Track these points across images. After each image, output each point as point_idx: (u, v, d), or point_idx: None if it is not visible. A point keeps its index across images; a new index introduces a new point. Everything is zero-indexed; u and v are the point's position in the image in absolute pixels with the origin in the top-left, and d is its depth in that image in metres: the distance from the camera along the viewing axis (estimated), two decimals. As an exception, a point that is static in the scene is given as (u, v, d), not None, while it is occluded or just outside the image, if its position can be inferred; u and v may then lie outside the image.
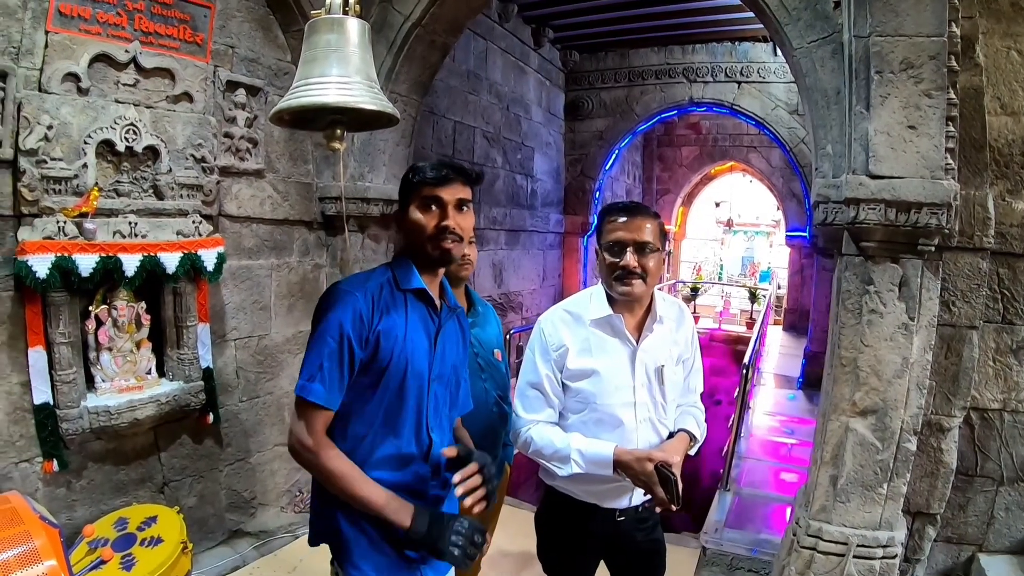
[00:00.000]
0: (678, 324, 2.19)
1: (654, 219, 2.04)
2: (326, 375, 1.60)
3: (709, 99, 8.55)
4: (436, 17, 4.21)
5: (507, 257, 8.17)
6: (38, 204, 2.85)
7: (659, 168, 14.35)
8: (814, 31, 3.06)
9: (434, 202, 1.70)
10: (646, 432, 2.09)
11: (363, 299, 1.64)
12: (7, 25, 2.75)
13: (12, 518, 2.37)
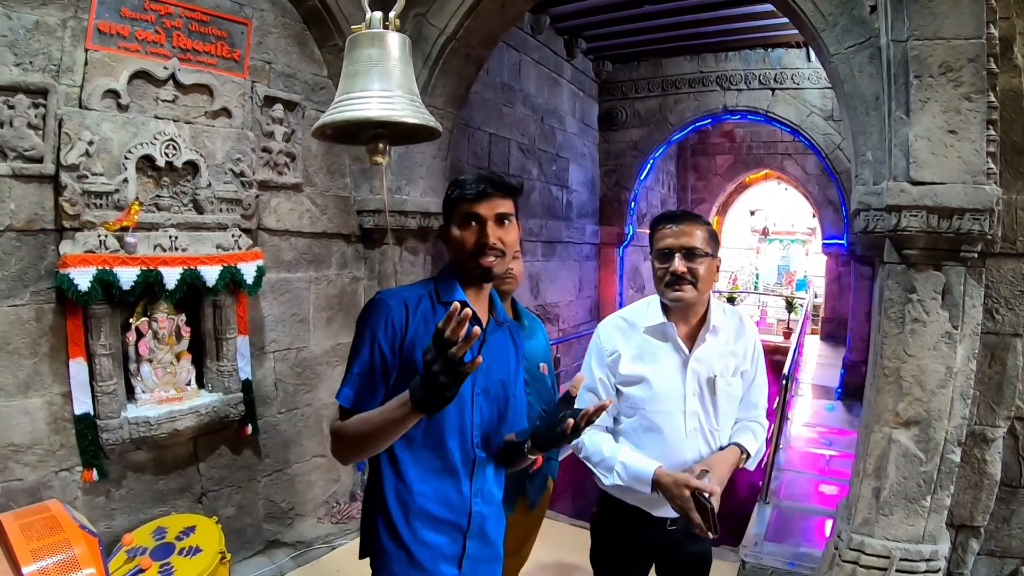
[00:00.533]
0: (737, 335, 2.14)
1: (704, 226, 2.03)
2: (357, 381, 1.60)
3: (743, 107, 8.36)
4: (471, 30, 4.18)
5: (544, 269, 8.07)
6: (79, 218, 2.87)
7: (694, 177, 14.13)
8: (851, 36, 2.96)
9: (473, 218, 1.64)
10: (695, 442, 2.06)
11: (397, 307, 1.62)
12: (47, 43, 2.78)
13: (52, 526, 2.39)
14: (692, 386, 2.05)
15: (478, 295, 1.72)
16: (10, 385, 2.77)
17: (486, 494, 1.73)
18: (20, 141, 2.72)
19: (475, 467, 1.70)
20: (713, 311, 2.09)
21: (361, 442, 1.58)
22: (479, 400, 1.70)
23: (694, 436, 2.06)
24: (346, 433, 1.58)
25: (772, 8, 3.82)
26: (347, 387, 1.60)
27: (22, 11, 2.70)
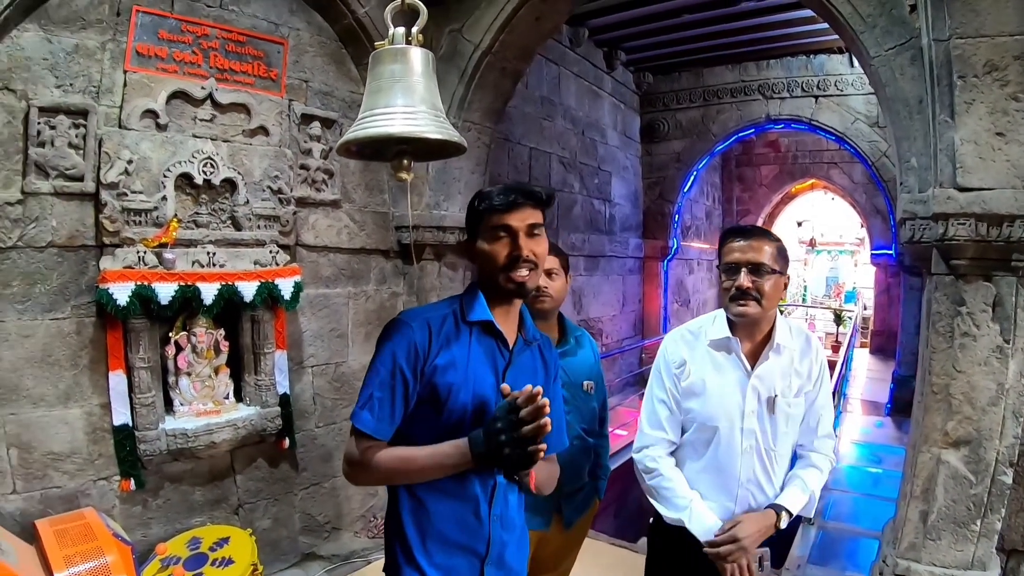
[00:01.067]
0: (802, 355, 2.07)
1: (773, 242, 1.99)
2: (376, 405, 1.52)
3: (786, 115, 8.16)
4: (506, 44, 4.14)
5: (586, 283, 7.96)
6: (119, 235, 2.91)
7: (739, 188, 13.82)
8: (891, 37, 2.82)
9: (503, 230, 1.55)
10: (749, 460, 2.02)
11: (420, 330, 1.54)
12: (87, 66, 2.85)
13: (86, 533, 2.44)
14: (751, 404, 2.01)
15: (507, 313, 1.64)
16: (50, 396, 2.82)
17: (507, 520, 1.65)
18: (61, 160, 2.78)
19: (495, 492, 1.61)
20: (779, 329, 2.04)
21: (395, 477, 1.55)
22: None
23: (749, 455, 2.02)
24: (378, 467, 1.51)
25: (813, 13, 3.68)
26: (365, 411, 1.52)
27: (62, 35, 2.77)
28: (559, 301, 2.45)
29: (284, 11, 3.54)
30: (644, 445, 2.16)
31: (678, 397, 2.10)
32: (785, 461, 2.08)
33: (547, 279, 2.39)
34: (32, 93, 2.71)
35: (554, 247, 2.47)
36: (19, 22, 2.65)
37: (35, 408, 2.79)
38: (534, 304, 2.39)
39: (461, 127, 4.28)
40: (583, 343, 2.55)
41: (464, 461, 1.45)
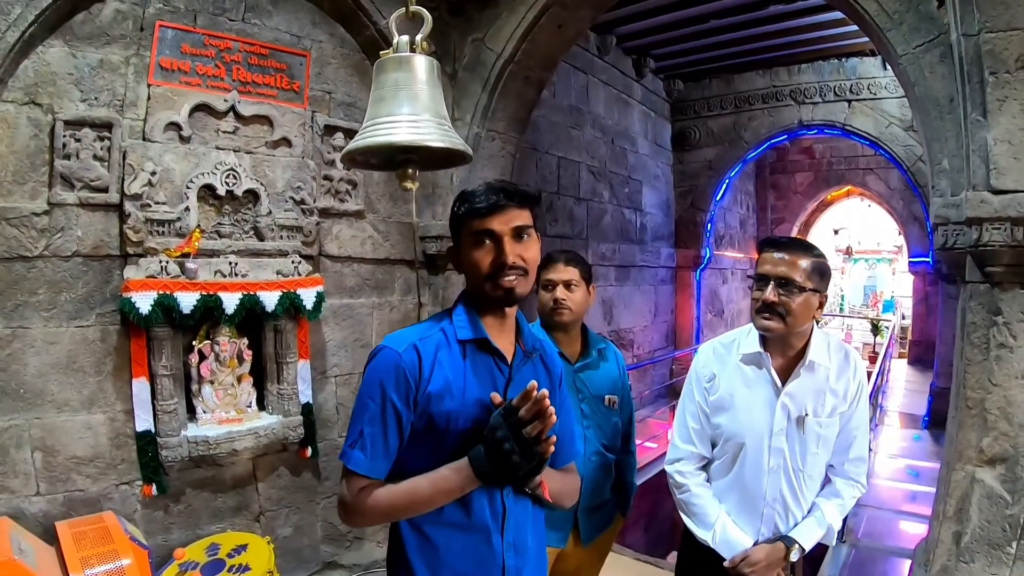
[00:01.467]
0: (839, 374, 1.98)
1: (811, 257, 1.89)
2: (367, 442, 1.40)
3: (819, 121, 7.97)
4: (529, 53, 4.12)
5: (617, 293, 7.87)
6: (142, 245, 2.95)
7: (773, 196, 13.55)
8: (919, 34, 2.72)
9: (486, 235, 1.44)
10: (776, 480, 1.97)
11: (408, 356, 1.41)
12: (111, 80, 2.90)
13: (104, 536, 2.47)
14: (780, 422, 1.95)
15: (501, 324, 1.53)
16: (75, 401, 2.87)
17: (520, 546, 1.53)
18: (86, 172, 2.84)
19: (506, 519, 1.49)
20: (813, 345, 1.96)
21: (397, 515, 1.44)
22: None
23: (775, 474, 1.96)
24: (376, 507, 1.41)
25: (843, 15, 3.58)
26: (356, 450, 1.40)
27: (87, 50, 2.84)
28: (579, 314, 2.37)
29: (306, 24, 3.56)
30: (675, 458, 2.14)
31: (707, 411, 2.05)
32: (815, 482, 2.01)
33: (566, 291, 2.33)
34: (58, 107, 2.78)
35: (575, 257, 2.42)
36: (45, 38, 2.72)
37: (59, 413, 2.84)
38: (553, 316, 2.34)
39: (485, 136, 4.26)
40: (607, 356, 2.47)
41: (469, 482, 1.37)
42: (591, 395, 2.36)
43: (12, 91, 2.67)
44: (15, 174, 2.71)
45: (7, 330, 2.72)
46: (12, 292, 2.72)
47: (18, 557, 2.16)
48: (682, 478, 2.10)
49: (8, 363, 2.72)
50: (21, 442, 2.75)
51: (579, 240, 7.07)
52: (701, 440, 2.08)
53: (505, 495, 1.48)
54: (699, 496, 2.06)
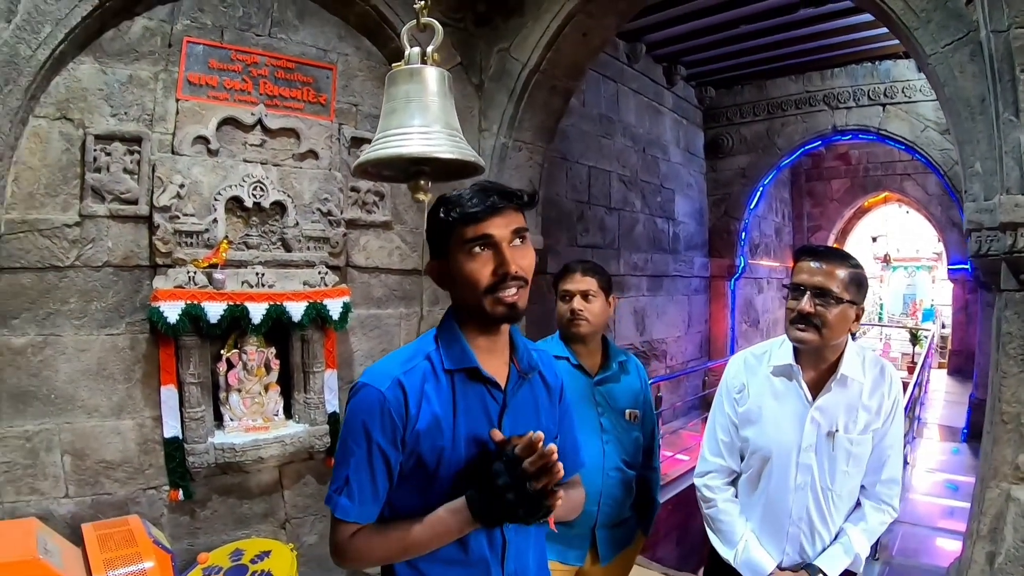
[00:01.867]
0: (873, 389, 1.89)
1: (848, 268, 1.82)
2: (354, 488, 1.29)
3: (854, 126, 7.78)
4: (554, 62, 4.10)
5: (650, 304, 7.75)
6: (171, 255, 3.00)
7: (809, 204, 13.24)
8: (947, 32, 2.63)
9: (482, 242, 1.28)
10: (802, 498, 1.89)
11: (392, 395, 1.28)
12: (141, 95, 2.97)
13: (128, 539, 2.50)
14: (809, 437, 1.87)
15: (495, 343, 1.38)
16: (104, 407, 2.93)
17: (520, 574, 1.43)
18: (116, 185, 2.90)
19: (506, 550, 1.38)
20: (847, 359, 1.88)
21: (393, 559, 1.34)
22: None
23: (802, 492, 1.88)
24: (370, 552, 1.32)
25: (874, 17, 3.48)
26: (343, 497, 1.29)
27: (116, 66, 2.90)
28: (598, 325, 2.28)
29: (333, 37, 3.59)
30: (703, 471, 2.09)
31: (736, 423, 2.00)
32: (845, 503, 1.92)
33: (583, 302, 2.25)
34: (88, 122, 2.85)
35: (593, 267, 2.34)
36: (75, 55, 2.79)
37: (89, 418, 2.90)
38: (570, 328, 2.26)
39: (512, 147, 4.25)
40: (628, 369, 2.39)
41: (467, 524, 1.27)
42: (611, 409, 2.28)
43: (44, 107, 2.74)
44: (47, 187, 2.78)
45: (39, 337, 2.79)
46: (44, 301, 2.79)
47: (43, 557, 2.20)
48: (709, 492, 2.04)
49: (40, 369, 2.79)
50: (51, 446, 2.81)
51: (610, 250, 7.00)
52: (730, 453, 2.02)
53: (505, 528, 1.37)
54: (725, 512, 2.00)
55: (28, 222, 2.73)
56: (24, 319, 2.75)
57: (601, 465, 2.21)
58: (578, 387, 2.24)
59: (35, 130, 2.73)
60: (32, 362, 2.77)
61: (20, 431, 2.75)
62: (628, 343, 7.17)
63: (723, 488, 2.04)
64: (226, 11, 3.17)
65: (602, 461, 2.22)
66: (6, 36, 2.48)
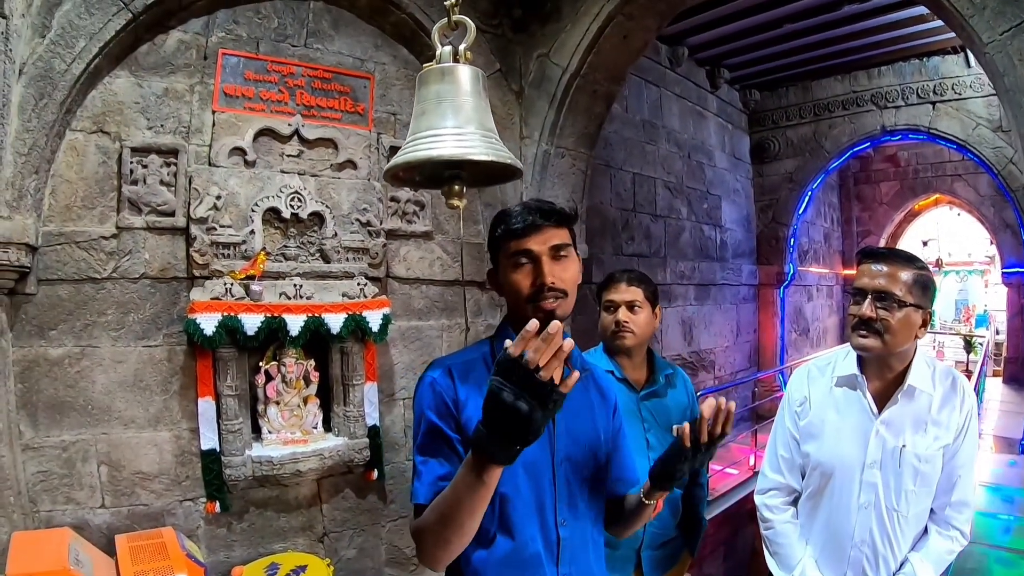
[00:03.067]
0: (944, 402, 1.73)
1: (913, 270, 1.69)
2: (424, 473, 1.31)
3: (903, 126, 7.41)
4: (594, 66, 3.95)
5: (697, 313, 7.49)
6: (208, 267, 2.94)
7: (858, 208, 12.70)
8: (1004, 19, 2.43)
9: (524, 256, 1.36)
10: (866, 519, 1.73)
11: (441, 379, 1.36)
12: (177, 108, 2.93)
13: (160, 552, 2.45)
14: (874, 452, 1.72)
15: None
16: (141, 418, 2.88)
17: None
18: (153, 197, 2.86)
19: (561, 549, 1.36)
20: (915, 370, 1.73)
21: (442, 532, 1.23)
22: (562, 471, 1.38)
23: (865, 512, 1.73)
24: (426, 529, 1.26)
25: (921, 12, 3.24)
26: (416, 482, 1.32)
27: (152, 80, 2.87)
28: (643, 337, 2.18)
29: (369, 46, 3.51)
30: (764, 489, 1.97)
31: (797, 438, 1.87)
32: (912, 527, 1.74)
33: (628, 312, 2.15)
34: (125, 134, 2.81)
35: (638, 276, 2.23)
36: (111, 69, 2.76)
37: (126, 429, 2.85)
38: (615, 340, 2.16)
39: (554, 154, 4.10)
40: (675, 383, 2.26)
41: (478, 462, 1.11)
42: (657, 425, 2.14)
43: (81, 120, 2.72)
44: (84, 199, 2.75)
45: (76, 348, 2.76)
46: (81, 312, 2.76)
47: (74, 567, 2.15)
48: (768, 512, 1.92)
49: (76, 380, 2.76)
50: (88, 456, 2.78)
51: (656, 258, 6.79)
52: (791, 470, 1.90)
53: (560, 524, 1.36)
54: (783, 535, 1.88)
55: (65, 234, 2.70)
56: (61, 330, 2.72)
57: None
58: (623, 402, 2.07)
59: (72, 143, 2.70)
60: (69, 373, 2.74)
61: (57, 441, 2.73)
62: (675, 354, 6.94)
63: (782, 508, 1.91)
64: (261, 22, 3.11)
65: None
66: (40, 51, 2.46)
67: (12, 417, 2.58)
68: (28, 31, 2.41)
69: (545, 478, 1.36)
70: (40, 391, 2.69)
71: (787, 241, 8.74)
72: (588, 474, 1.42)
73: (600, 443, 1.46)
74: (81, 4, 2.52)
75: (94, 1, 2.54)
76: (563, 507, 1.37)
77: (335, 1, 3.36)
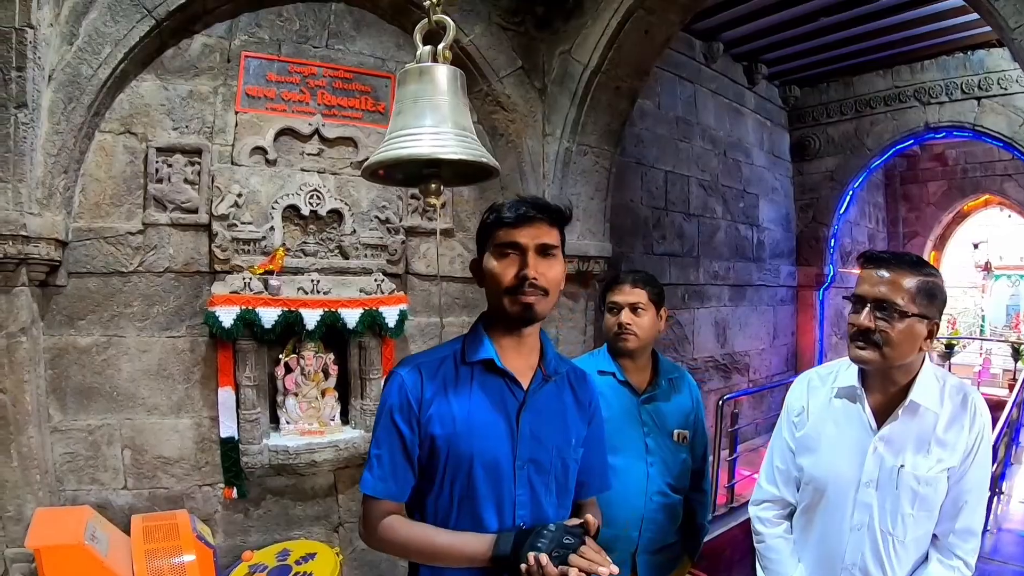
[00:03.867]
0: (951, 422, 1.60)
1: (919, 276, 1.56)
2: (375, 464, 1.39)
3: (947, 122, 7.11)
4: (616, 62, 3.94)
5: (731, 314, 7.35)
6: (229, 262, 3.08)
7: (904, 208, 12.21)
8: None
9: (511, 247, 1.38)
10: (858, 543, 1.63)
11: (409, 377, 1.40)
12: (201, 109, 3.08)
13: (172, 532, 2.59)
14: (870, 471, 1.62)
15: (519, 344, 1.44)
16: (164, 406, 3.05)
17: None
18: (177, 195, 3.01)
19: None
20: (920, 384, 1.61)
21: (410, 554, 1.41)
22: (524, 474, 1.40)
23: (858, 534, 1.63)
24: (392, 537, 1.38)
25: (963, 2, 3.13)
26: (367, 473, 1.40)
27: (177, 83, 3.03)
28: (647, 340, 2.14)
29: (390, 46, 3.59)
30: (757, 500, 1.91)
31: (793, 450, 1.79)
32: (910, 554, 1.63)
33: (632, 315, 2.12)
34: (151, 135, 2.98)
35: (644, 277, 2.20)
36: (137, 73, 2.93)
37: (149, 415, 3.02)
38: (617, 342, 2.14)
39: (576, 151, 4.12)
40: (679, 387, 2.23)
41: (482, 559, 1.32)
42: (658, 429, 2.14)
43: (109, 122, 2.89)
44: (112, 197, 2.93)
45: (103, 338, 2.94)
46: (109, 304, 2.94)
47: (89, 543, 2.30)
48: (760, 525, 1.86)
49: (103, 367, 2.94)
50: (112, 440, 2.96)
51: (689, 258, 6.72)
52: (785, 483, 1.82)
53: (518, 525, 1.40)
54: (774, 550, 1.81)
55: (94, 230, 2.88)
56: (90, 320, 2.90)
57: (644, 488, 2.08)
58: (623, 405, 2.13)
59: (101, 144, 2.88)
60: (96, 361, 2.92)
61: (83, 425, 2.91)
62: (707, 355, 6.86)
63: (774, 522, 1.84)
64: (283, 25, 3.23)
65: (645, 484, 2.09)
66: (68, 58, 2.62)
67: (42, 401, 2.77)
68: (57, 39, 2.57)
69: (506, 479, 1.38)
70: (69, 377, 2.87)
71: (828, 242, 8.48)
72: (553, 476, 1.44)
73: (570, 446, 1.48)
74: (107, 12, 2.68)
75: (119, 9, 2.70)
76: (524, 509, 1.39)
77: (357, 3, 3.46)
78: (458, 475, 1.37)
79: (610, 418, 1.83)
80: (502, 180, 4.00)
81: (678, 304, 6.33)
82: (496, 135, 3.93)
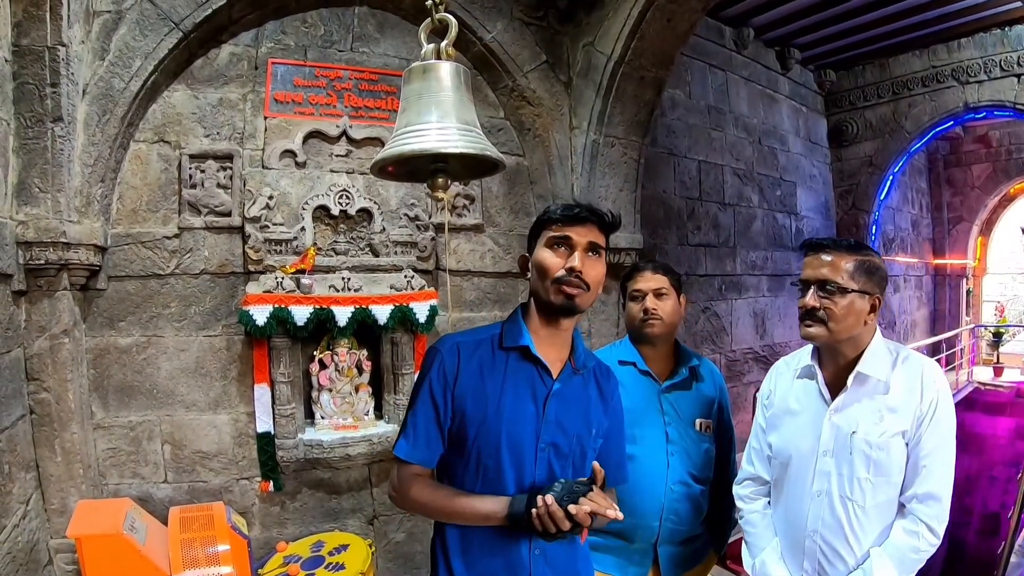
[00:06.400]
0: (903, 390, 1.68)
1: (854, 256, 1.70)
2: (410, 431, 1.50)
3: (987, 102, 6.81)
4: (639, 52, 3.88)
5: (770, 305, 7.19)
6: (262, 263, 3.16)
7: (948, 193, 11.72)
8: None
9: (563, 242, 1.48)
10: (819, 509, 1.72)
11: (448, 354, 1.49)
12: (231, 116, 3.16)
13: (207, 523, 2.65)
14: (827, 441, 1.72)
15: (555, 336, 1.54)
16: (202, 402, 3.15)
17: (550, 556, 1.50)
18: (211, 199, 3.10)
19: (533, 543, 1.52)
20: (868, 355, 1.71)
21: (430, 513, 1.53)
22: (545, 457, 1.50)
23: (818, 502, 1.72)
24: (416, 498, 1.50)
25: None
26: (403, 439, 1.51)
27: (207, 91, 3.12)
28: (671, 325, 2.14)
29: (414, 46, 3.51)
30: (739, 480, 2.03)
31: (764, 430, 1.93)
32: (873, 521, 1.67)
33: (656, 300, 2.11)
34: (184, 143, 3.07)
35: (663, 265, 2.22)
36: (168, 84, 3.03)
37: (188, 412, 3.12)
38: (643, 329, 2.13)
39: (603, 143, 4.08)
40: (702, 375, 2.21)
41: (497, 518, 1.42)
42: (679, 418, 2.11)
43: (143, 132, 3.00)
44: (148, 203, 3.03)
45: (143, 338, 3.05)
46: (147, 305, 3.05)
47: (127, 533, 2.39)
48: (741, 502, 1.98)
49: (143, 366, 3.05)
50: (152, 435, 3.07)
51: (725, 248, 6.60)
52: (760, 460, 1.94)
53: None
54: (752, 524, 1.93)
55: (132, 235, 2.99)
56: (129, 321, 3.02)
57: (665, 478, 2.06)
58: (644, 394, 2.12)
59: (136, 153, 2.98)
60: (136, 360, 3.03)
61: (125, 421, 3.03)
62: (746, 347, 6.74)
63: (752, 498, 1.96)
64: (308, 31, 3.29)
65: (666, 474, 2.06)
66: (101, 72, 2.73)
67: (84, 399, 2.88)
68: (89, 55, 2.68)
69: (527, 459, 1.48)
70: (110, 376, 2.99)
71: (868, 229, 8.22)
72: (571, 461, 1.53)
73: (590, 436, 1.56)
74: (135, 27, 2.77)
75: (147, 23, 2.79)
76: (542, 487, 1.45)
77: (380, 5, 3.49)
78: (484, 451, 1.46)
79: (630, 407, 1.85)
80: (531, 174, 3.99)
81: (715, 295, 6.24)
82: (523, 130, 3.93)
